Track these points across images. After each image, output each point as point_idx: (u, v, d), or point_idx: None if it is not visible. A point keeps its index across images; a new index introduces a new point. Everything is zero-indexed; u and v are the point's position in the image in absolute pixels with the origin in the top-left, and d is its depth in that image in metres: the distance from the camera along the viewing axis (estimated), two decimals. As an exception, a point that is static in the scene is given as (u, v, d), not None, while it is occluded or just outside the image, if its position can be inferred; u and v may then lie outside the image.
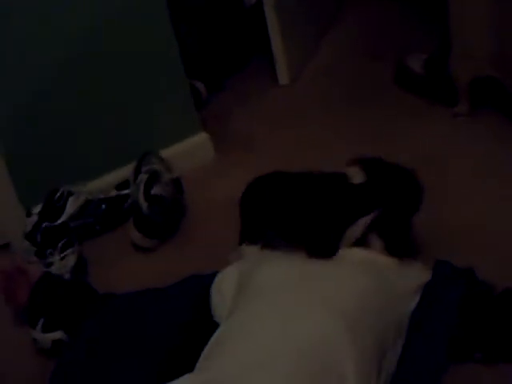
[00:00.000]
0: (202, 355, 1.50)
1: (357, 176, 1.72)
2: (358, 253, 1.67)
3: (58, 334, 1.81)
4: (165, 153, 2.31)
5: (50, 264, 2.00)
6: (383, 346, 1.49)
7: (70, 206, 2.12)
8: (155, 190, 2.13)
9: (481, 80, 2.30)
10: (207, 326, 1.59)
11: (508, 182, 2.09)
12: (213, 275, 1.73)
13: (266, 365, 1.39)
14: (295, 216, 1.70)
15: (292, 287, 1.56)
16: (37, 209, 2.12)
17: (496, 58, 2.20)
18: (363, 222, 1.67)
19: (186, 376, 1.44)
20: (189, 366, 1.49)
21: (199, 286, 1.71)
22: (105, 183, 2.25)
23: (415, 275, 1.65)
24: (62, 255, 2.02)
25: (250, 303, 1.56)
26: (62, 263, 2.01)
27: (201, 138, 2.42)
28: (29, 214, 2.11)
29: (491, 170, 2.16)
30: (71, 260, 2.03)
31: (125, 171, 2.26)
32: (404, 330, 1.56)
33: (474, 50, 2.24)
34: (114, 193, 2.21)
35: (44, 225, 2.06)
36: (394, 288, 1.58)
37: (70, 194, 2.14)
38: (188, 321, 1.66)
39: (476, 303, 1.61)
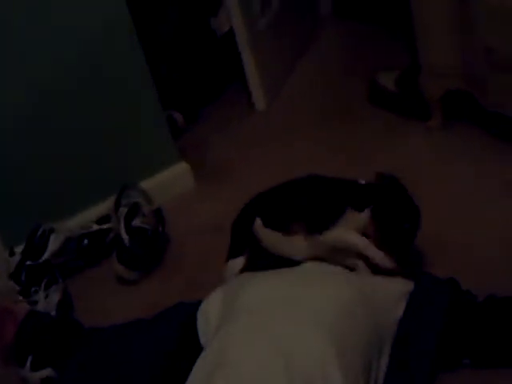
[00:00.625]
0: (188, 381, 1.51)
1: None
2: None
3: (46, 372, 1.82)
4: (144, 184, 2.34)
5: (35, 302, 2.01)
6: (369, 357, 1.51)
7: (52, 244, 2.14)
8: (136, 222, 2.15)
9: (451, 94, 2.35)
10: (194, 352, 1.59)
11: (482, 192, 2.12)
12: (199, 302, 1.74)
13: None
14: (296, 198, 1.80)
15: (276, 306, 1.57)
16: (19, 248, 2.14)
17: (463, 72, 2.24)
18: (358, 216, 1.73)
19: None
20: None
21: (185, 314, 1.72)
22: (86, 219, 2.27)
23: (397, 285, 1.67)
24: (46, 292, 2.03)
25: (235, 325, 1.57)
26: (47, 300, 2.02)
27: (180, 167, 2.45)
28: (12, 254, 2.12)
29: (466, 181, 2.19)
30: (56, 297, 2.04)
31: (105, 205, 2.28)
32: (389, 339, 1.58)
33: (442, 65, 2.29)
34: (95, 227, 2.23)
35: (27, 263, 2.08)
36: (376, 298, 1.61)
37: (52, 231, 2.16)
38: (175, 349, 1.67)
39: (461, 310, 1.64)
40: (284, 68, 2.97)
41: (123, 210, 2.18)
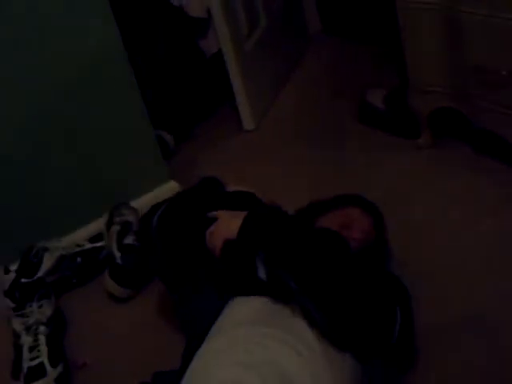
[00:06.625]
0: None
1: None
2: None
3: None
4: (136, 203, 2.47)
5: (29, 314, 2.11)
6: None
7: (46, 262, 2.26)
8: (128, 240, 2.29)
9: (440, 111, 2.45)
10: None
11: (470, 210, 2.23)
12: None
13: None
14: None
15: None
16: (14, 266, 2.25)
17: (451, 89, 2.35)
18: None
19: None
20: None
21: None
22: (79, 237, 2.40)
23: None
24: (39, 303, 2.14)
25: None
26: (40, 311, 2.13)
27: (170, 186, 2.58)
28: (7, 272, 2.25)
29: (454, 199, 2.29)
30: (48, 309, 2.15)
31: (98, 224, 2.41)
32: None
33: (430, 83, 2.39)
34: (88, 246, 2.36)
35: (22, 281, 2.19)
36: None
37: (46, 249, 2.29)
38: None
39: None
40: (272, 87, 3.11)
41: (115, 228, 2.31)
